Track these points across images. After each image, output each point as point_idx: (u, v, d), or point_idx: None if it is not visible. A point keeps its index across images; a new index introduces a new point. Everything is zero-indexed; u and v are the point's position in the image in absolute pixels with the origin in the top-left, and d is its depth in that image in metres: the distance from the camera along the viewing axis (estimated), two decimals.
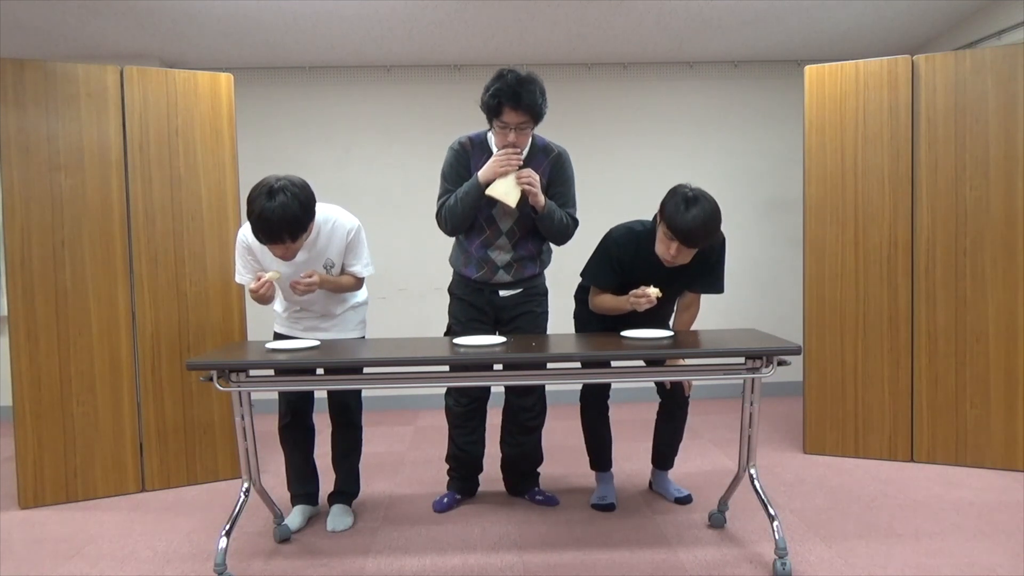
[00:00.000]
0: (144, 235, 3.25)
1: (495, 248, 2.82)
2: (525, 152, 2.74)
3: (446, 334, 2.95)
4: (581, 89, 4.87)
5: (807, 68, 3.59)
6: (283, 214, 2.35)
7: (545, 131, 2.85)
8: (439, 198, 2.83)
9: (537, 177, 2.68)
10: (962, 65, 3.32)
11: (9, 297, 3.07)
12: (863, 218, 3.49)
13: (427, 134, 4.71)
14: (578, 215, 2.89)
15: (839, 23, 4.25)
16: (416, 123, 4.81)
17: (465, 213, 2.74)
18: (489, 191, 2.65)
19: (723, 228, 2.58)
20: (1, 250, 3.41)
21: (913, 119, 3.40)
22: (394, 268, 4.78)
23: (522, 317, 2.88)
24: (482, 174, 2.67)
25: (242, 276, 2.72)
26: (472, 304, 2.88)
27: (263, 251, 2.60)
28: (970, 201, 3.32)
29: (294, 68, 4.77)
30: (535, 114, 2.62)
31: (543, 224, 2.77)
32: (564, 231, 2.82)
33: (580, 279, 2.92)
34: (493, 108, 2.61)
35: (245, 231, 2.66)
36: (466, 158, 2.79)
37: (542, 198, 2.70)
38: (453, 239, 2.97)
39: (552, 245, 2.97)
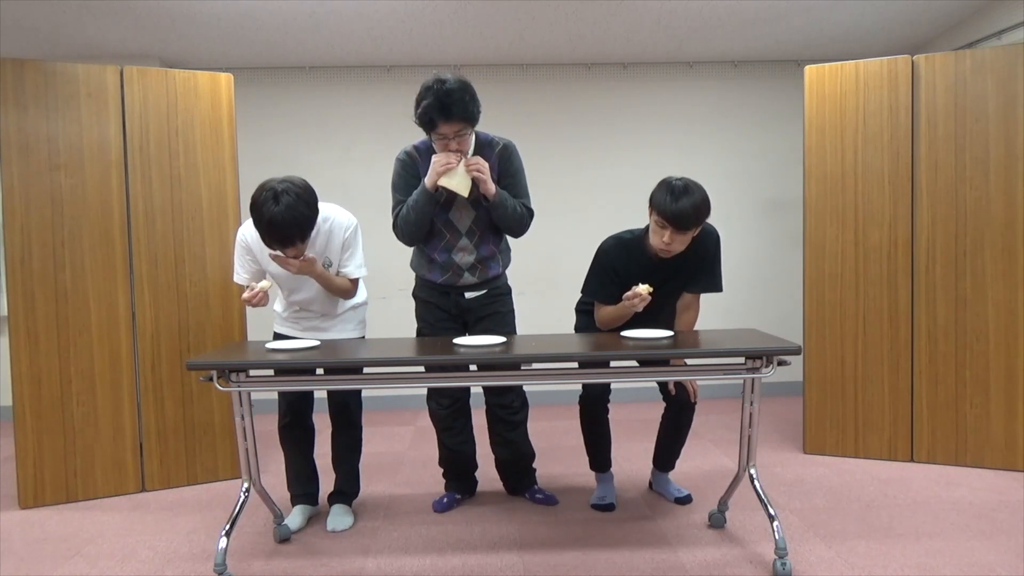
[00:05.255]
0: (144, 235, 3.25)
1: (458, 250, 2.82)
2: (470, 152, 2.73)
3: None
4: (581, 89, 4.86)
5: (807, 68, 3.59)
6: (293, 216, 2.36)
7: (545, 131, 2.85)
8: (393, 210, 2.82)
9: (485, 164, 2.67)
10: (962, 65, 3.32)
11: (9, 297, 3.07)
12: (863, 218, 3.49)
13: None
14: (542, 207, 2.80)
15: (839, 23, 4.25)
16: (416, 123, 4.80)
17: (419, 220, 2.73)
18: (442, 183, 2.64)
19: (723, 228, 2.58)
20: (1, 250, 3.41)
21: (913, 119, 3.40)
22: (394, 268, 4.74)
23: (489, 318, 2.87)
24: (427, 180, 2.67)
25: (240, 276, 2.72)
26: (439, 306, 2.89)
27: (263, 251, 2.59)
28: (970, 201, 3.32)
29: (294, 68, 4.77)
30: (469, 120, 2.61)
31: (497, 213, 2.76)
32: (520, 220, 2.81)
33: (581, 293, 2.91)
34: (428, 123, 2.61)
35: (244, 231, 2.66)
36: (414, 167, 2.79)
37: (492, 185, 2.69)
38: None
39: (510, 241, 2.97)
